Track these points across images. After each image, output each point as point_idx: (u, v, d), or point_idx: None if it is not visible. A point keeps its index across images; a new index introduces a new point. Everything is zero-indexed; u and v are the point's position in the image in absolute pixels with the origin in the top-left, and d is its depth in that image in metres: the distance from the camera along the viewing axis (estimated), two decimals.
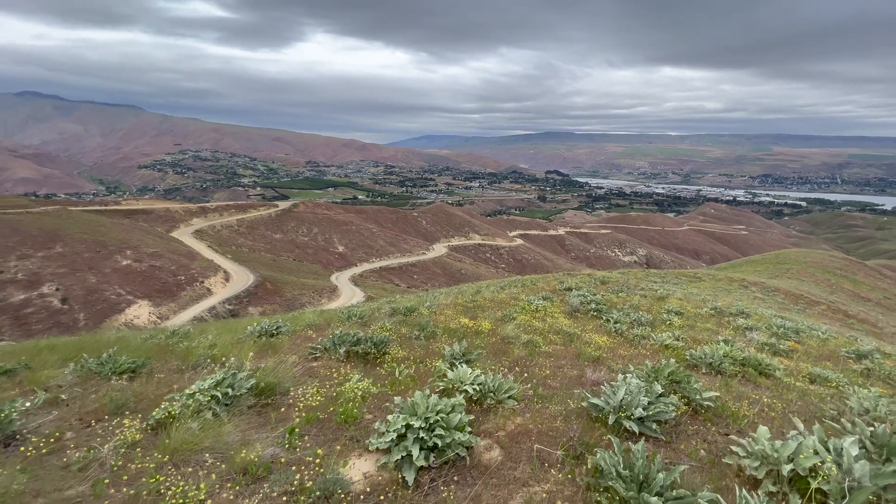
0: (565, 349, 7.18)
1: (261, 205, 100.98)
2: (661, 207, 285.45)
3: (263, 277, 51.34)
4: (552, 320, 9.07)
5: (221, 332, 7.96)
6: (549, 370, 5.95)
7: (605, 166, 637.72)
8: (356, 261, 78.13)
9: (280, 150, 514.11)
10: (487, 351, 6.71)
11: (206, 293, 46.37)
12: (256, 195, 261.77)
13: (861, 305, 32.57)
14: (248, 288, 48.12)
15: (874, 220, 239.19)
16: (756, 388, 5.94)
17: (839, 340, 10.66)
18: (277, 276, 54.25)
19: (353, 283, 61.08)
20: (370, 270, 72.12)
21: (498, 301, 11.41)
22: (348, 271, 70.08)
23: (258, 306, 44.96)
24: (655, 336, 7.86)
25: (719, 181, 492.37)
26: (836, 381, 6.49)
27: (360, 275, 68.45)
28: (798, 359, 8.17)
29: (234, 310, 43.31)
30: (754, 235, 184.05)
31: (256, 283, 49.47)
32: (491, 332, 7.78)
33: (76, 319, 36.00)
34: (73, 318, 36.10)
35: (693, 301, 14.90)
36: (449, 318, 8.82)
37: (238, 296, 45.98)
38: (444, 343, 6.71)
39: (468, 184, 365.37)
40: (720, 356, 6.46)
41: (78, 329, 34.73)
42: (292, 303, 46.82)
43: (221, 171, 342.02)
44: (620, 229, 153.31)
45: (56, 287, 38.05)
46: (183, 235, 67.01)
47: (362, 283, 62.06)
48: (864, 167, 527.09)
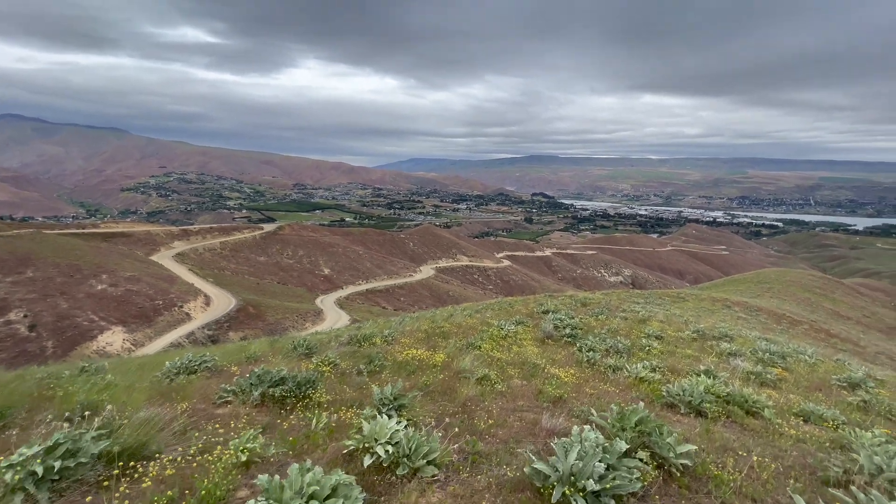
0: (525, 386, 6.38)
1: (245, 227, 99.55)
2: (645, 228, 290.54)
3: (246, 301, 50.23)
4: (518, 349, 8.31)
5: (132, 370, 6.92)
6: (498, 416, 5.11)
7: (590, 189, 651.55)
8: (342, 283, 77.02)
9: (268, 172, 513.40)
10: (433, 390, 5.86)
11: (185, 318, 45.09)
12: (242, 218, 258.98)
13: (842, 324, 32.59)
14: (229, 312, 46.91)
15: (847, 240, 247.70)
16: (743, 433, 5.17)
17: (828, 365, 10.09)
18: (260, 300, 53.20)
19: (339, 306, 60.12)
20: (356, 293, 71.11)
21: (466, 327, 10.60)
22: (334, 294, 68.93)
23: (239, 331, 43.69)
24: (630, 367, 7.12)
25: (699, 203, 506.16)
26: (833, 419, 5.77)
27: (346, 297, 67.38)
28: (787, 390, 7.49)
29: (214, 335, 41.85)
30: (735, 255, 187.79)
31: (238, 307, 48.30)
32: (444, 366, 6.96)
33: (44, 347, 34.29)
34: (41, 345, 34.39)
35: (675, 323, 14.29)
36: (405, 347, 7.96)
37: (218, 320, 44.76)
38: (389, 379, 5.85)
39: (455, 206, 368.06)
40: (700, 392, 5.71)
41: (46, 358, 32.98)
42: (275, 327, 45.51)
43: (207, 194, 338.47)
44: (606, 250, 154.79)
45: (24, 314, 36.24)
46: (163, 259, 65.46)
47: (348, 306, 61.09)
48: (834, 189, 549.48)
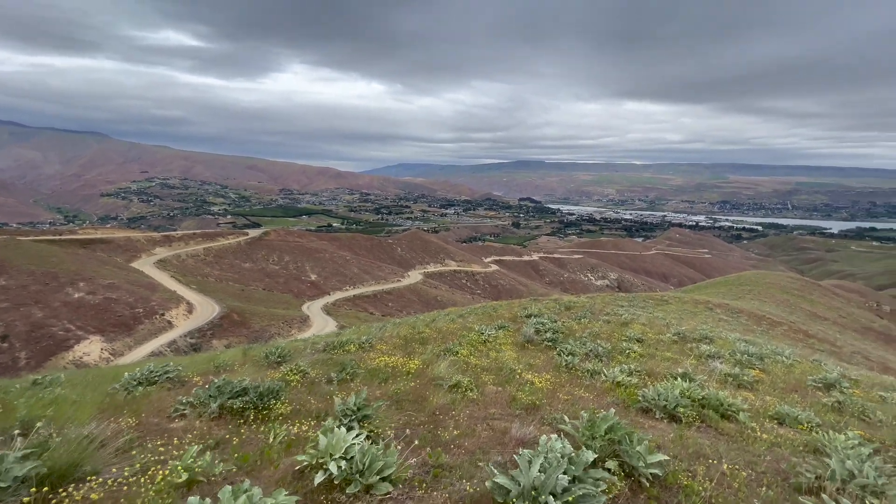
0: (499, 392, 6.22)
1: (230, 233, 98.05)
2: (630, 232, 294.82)
3: (230, 308, 49.47)
4: (496, 354, 8.16)
5: (89, 382, 6.56)
6: (467, 425, 4.93)
7: (576, 194, 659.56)
8: (329, 289, 76.37)
9: (253, 177, 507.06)
10: (403, 399, 5.66)
11: (167, 326, 44.25)
12: (227, 223, 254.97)
13: (819, 325, 33.33)
14: (212, 320, 46.16)
15: (824, 243, 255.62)
16: (717, 438, 5.08)
17: (804, 366, 10.18)
18: (245, 307, 52.51)
19: (326, 312, 59.68)
20: (344, 299, 70.57)
21: (447, 332, 10.42)
22: (321, 300, 68.33)
23: (223, 339, 43.00)
24: (607, 372, 7.02)
25: (682, 207, 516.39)
26: (808, 421, 5.72)
27: (334, 303, 66.87)
28: (764, 391, 7.48)
29: (197, 343, 41.07)
30: (717, 258, 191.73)
31: (222, 314, 47.54)
32: (418, 373, 6.77)
33: (16, 359, 33.12)
34: (13, 357, 33.22)
35: (657, 326, 14.34)
36: (381, 353, 7.74)
37: (201, 328, 44.05)
38: (360, 388, 5.63)
39: (443, 211, 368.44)
40: (676, 397, 5.62)
41: (18, 370, 31.92)
42: (260, 334, 44.90)
43: (191, 199, 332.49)
44: (592, 254, 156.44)
45: None
46: (144, 266, 64.16)
47: (335, 312, 60.65)
48: (811, 194, 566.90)
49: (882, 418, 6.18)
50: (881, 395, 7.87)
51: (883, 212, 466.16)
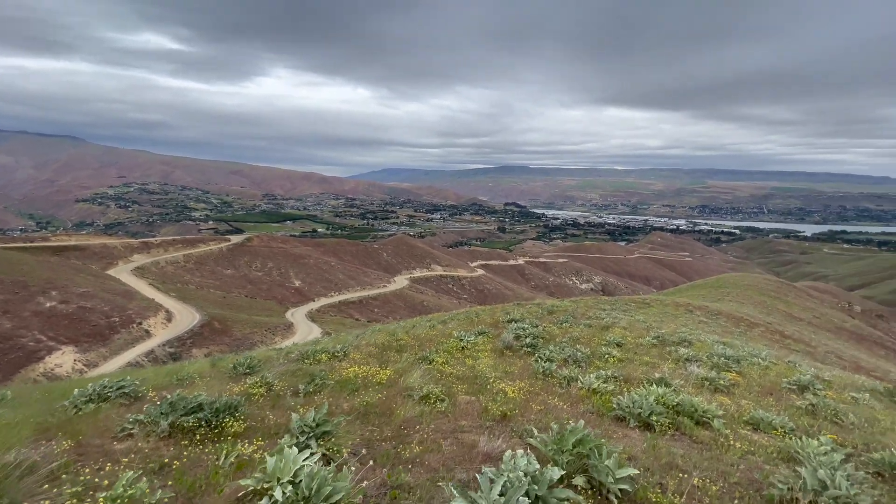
0: (472, 403, 6.02)
1: (211, 239, 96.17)
2: (613, 236, 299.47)
3: (211, 316, 48.40)
4: (472, 362, 7.98)
5: (36, 399, 6.12)
6: (434, 439, 4.72)
7: (560, 198, 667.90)
8: (314, 295, 75.49)
9: (236, 183, 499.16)
10: (371, 411, 5.42)
11: (145, 335, 43.10)
12: (208, 229, 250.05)
13: (795, 325, 34.18)
14: (192, 328, 45.11)
15: (798, 246, 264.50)
16: (691, 447, 4.97)
17: (780, 368, 10.27)
18: (227, 315, 51.50)
19: (311, 318, 58.96)
20: (329, 305, 69.83)
21: (425, 339, 10.21)
22: (305, 307, 67.43)
23: (203, 348, 41.99)
24: (583, 379, 6.90)
25: (663, 212, 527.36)
26: (782, 426, 5.69)
27: (318, 310, 66.07)
28: (740, 395, 7.47)
29: (176, 352, 40.01)
30: (697, 261, 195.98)
31: (203, 322, 46.47)
32: (389, 383, 6.53)
33: None
34: None
35: (637, 329, 14.38)
36: (353, 363, 7.48)
37: (181, 337, 42.99)
38: (327, 400, 5.36)
39: (429, 216, 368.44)
40: (650, 404, 5.52)
41: None
42: (242, 342, 44.01)
43: (171, 205, 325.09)
44: (577, 258, 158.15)
45: None
46: (121, 273, 62.46)
47: (320, 319, 59.94)
48: (785, 198, 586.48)
49: (854, 421, 6.20)
50: (853, 396, 7.95)
51: (853, 215, 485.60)
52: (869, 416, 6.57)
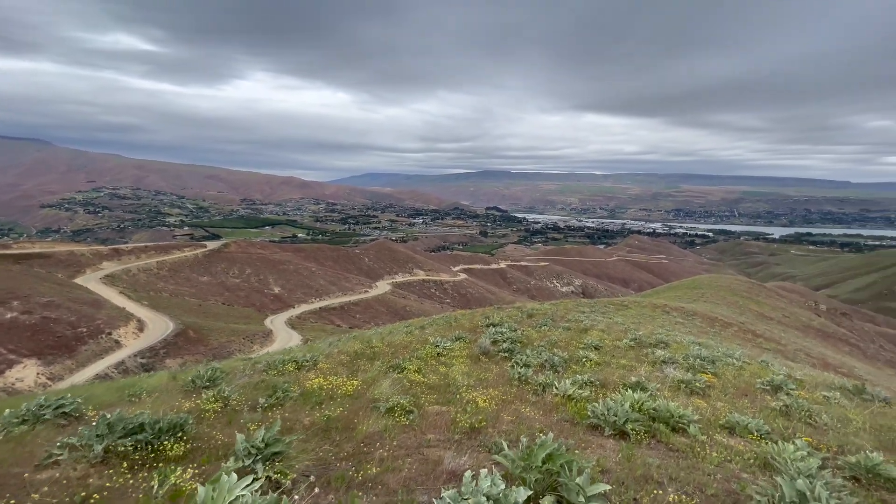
0: (441, 414, 5.73)
1: (186, 245, 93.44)
2: (593, 240, 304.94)
3: (185, 325, 47.03)
4: (445, 369, 7.70)
5: None
6: (395, 457, 4.40)
7: (541, 203, 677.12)
8: (294, 302, 74.14)
9: (212, 187, 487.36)
10: (332, 426, 5.07)
11: (115, 346, 41.48)
12: (184, 235, 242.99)
13: (766, 324, 35.20)
14: (166, 337, 43.71)
15: (767, 247, 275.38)
16: (667, 455, 4.81)
17: (753, 368, 10.35)
18: (202, 323, 50.07)
19: (290, 325, 57.89)
20: (309, 311, 68.72)
21: (400, 346, 9.87)
22: (285, 313, 66.17)
23: (178, 357, 40.62)
24: (559, 385, 6.71)
25: (640, 215, 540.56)
26: (757, 429, 5.61)
27: (298, 317, 64.93)
28: (716, 397, 7.43)
29: (149, 363, 38.51)
30: (673, 263, 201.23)
31: (177, 331, 45.08)
32: (356, 394, 6.18)
33: None
34: None
35: (615, 332, 14.38)
36: (321, 373, 7.09)
37: (153, 347, 41.57)
38: (289, 414, 4.98)
39: (411, 220, 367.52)
40: (625, 411, 5.35)
41: None
42: (219, 351, 42.71)
43: (143, 211, 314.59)
44: (557, 261, 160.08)
45: None
46: (89, 282, 60.13)
47: (300, 326, 58.87)
48: (754, 202, 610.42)
49: (827, 421, 6.21)
50: (825, 395, 8.03)
51: (817, 218, 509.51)
52: (841, 416, 6.62)
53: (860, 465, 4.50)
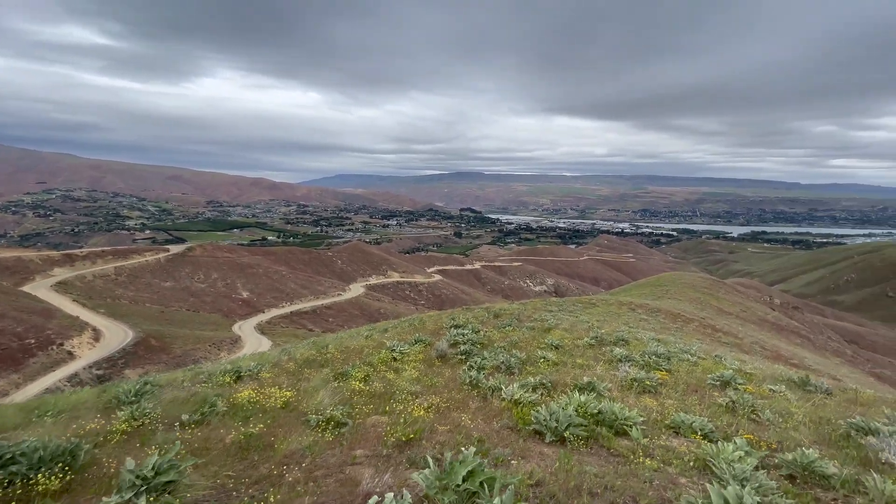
0: (378, 424, 5.40)
1: (147, 249, 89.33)
2: (564, 240, 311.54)
3: (147, 333, 45.08)
4: (394, 375, 7.36)
5: None
6: (310, 479, 4.03)
7: (514, 204, 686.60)
8: (263, 307, 72.04)
9: (176, 189, 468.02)
10: (250, 445, 4.65)
11: (67, 357, 39.25)
12: (145, 239, 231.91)
13: (725, 319, 36.69)
14: (125, 347, 41.78)
15: (727, 246, 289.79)
16: (607, 462, 4.64)
17: (707, 363, 10.53)
18: (165, 331, 47.97)
19: (260, 331, 56.30)
20: (280, 316, 66.93)
21: (354, 350, 9.47)
22: (254, 318, 64.25)
23: (138, 367, 38.69)
24: (506, 389, 6.51)
25: (609, 216, 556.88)
26: (701, 428, 5.56)
27: (269, 322, 63.11)
28: (666, 395, 7.40)
29: (106, 375, 36.52)
30: (640, 262, 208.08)
31: (137, 340, 43.19)
32: (289, 406, 5.76)
33: None
34: None
35: (578, 330, 14.43)
36: (260, 383, 6.62)
37: (111, 357, 39.61)
38: (212, 432, 4.51)
39: (385, 222, 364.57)
40: (568, 416, 5.18)
41: None
42: (184, 360, 40.95)
43: (100, 213, 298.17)
44: (530, 261, 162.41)
45: None
46: (38, 289, 56.60)
47: (270, 331, 57.27)
48: (714, 202, 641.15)
49: (770, 416, 6.27)
50: (771, 388, 8.22)
51: (771, 217, 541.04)
52: (784, 410, 6.73)
53: (796, 463, 4.50)
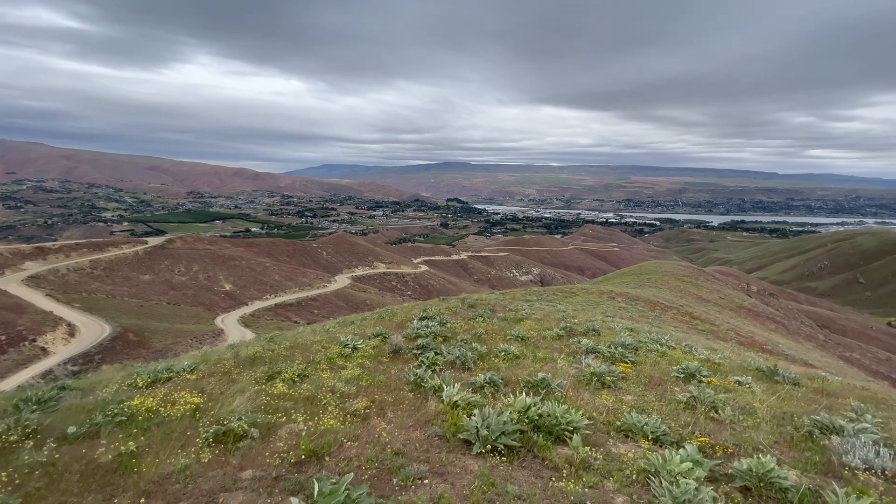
0: (291, 436, 4.77)
1: (124, 242, 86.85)
2: (550, 230, 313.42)
3: (125, 327, 43.81)
4: (329, 375, 6.76)
5: None
6: None
7: (500, 194, 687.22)
8: (247, 299, 70.85)
9: (155, 179, 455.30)
10: (122, 466, 3.98)
11: (41, 354, 38.39)
12: (123, 231, 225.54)
13: (703, 307, 37.05)
14: (101, 342, 40.82)
15: (707, 234, 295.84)
16: (537, 478, 4.09)
17: (675, 353, 10.17)
18: (144, 325, 46.99)
19: (244, 324, 55.40)
20: (264, 308, 65.93)
21: (305, 346, 8.84)
22: (237, 311, 63.19)
23: (116, 363, 37.73)
24: (446, 390, 5.95)
25: (594, 206, 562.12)
26: (654, 431, 5.08)
27: (252, 314, 62.11)
28: (626, 390, 6.95)
29: (81, 371, 35.52)
30: (624, 251, 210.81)
31: (114, 334, 42.28)
32: (193, 415, 5.10)
33: None
34: None
35: (550, 320, 14.06)
36: (177, 386, 5.95)
37: (87, 353, 38.80)
38: (81, 450, 3.86)
39: (371, 213, 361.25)
40: (502, 422, 4.63)
41: None
42: (163, 354, 40.12)
43: (74, 205, 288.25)
44: (516, 251, 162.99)
45: None
46: (9, 284, 54.86)
47: (254, 324, 56.39)
48: (696, 192, 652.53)
49: (730, 414, 5.85)
50: (737, 380, 7.87)
51: (750, 207, 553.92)
52: (747, 405, 6.31)
53: (752, 473, 4.01)
